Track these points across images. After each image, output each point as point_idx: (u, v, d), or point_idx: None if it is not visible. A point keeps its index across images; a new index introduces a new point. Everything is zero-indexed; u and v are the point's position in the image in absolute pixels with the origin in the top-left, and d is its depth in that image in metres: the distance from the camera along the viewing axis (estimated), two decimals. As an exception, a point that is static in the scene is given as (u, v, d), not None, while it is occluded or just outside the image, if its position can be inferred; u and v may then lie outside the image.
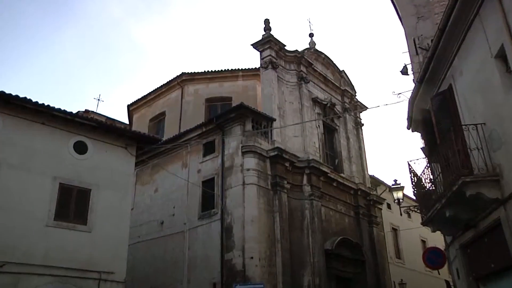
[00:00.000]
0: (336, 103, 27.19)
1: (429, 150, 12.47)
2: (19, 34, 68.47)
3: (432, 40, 11.22)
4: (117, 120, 31.17)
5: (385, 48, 78.23)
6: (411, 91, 13.09)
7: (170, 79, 28.57)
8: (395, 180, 17.05)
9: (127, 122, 32.03)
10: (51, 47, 72.71)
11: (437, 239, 22.10)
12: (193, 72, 28.16)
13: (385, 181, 29.84)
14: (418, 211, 12.75)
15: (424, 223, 11.54)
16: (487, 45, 8.90)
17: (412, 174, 11.99)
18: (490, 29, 8.79)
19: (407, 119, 14.06)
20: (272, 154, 20.45)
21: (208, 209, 20.22)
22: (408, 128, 14.36)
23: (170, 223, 21.67)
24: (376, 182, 29.27)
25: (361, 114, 29.80)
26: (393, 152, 72.58)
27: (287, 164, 21.00)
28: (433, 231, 11.88)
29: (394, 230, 30.28)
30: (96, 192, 14.56)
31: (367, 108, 28.97)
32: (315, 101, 25.22)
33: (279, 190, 20.17)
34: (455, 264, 11.90)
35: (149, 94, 29.81)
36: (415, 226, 25.78)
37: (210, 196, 20.24)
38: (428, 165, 11.29)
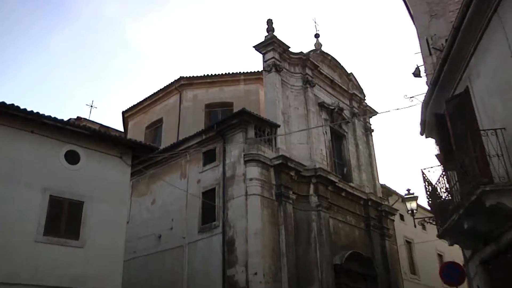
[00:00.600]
0: (344, 107, 27.15)
1: (445, 157, 12.35)
2: (4, 35, 68.65)
3: (446, 40, 11.17)
4: (111, 128, 31.14)
5: (396, 49, 78.26)
6: (424, 94, 13.07)
7: (168, 84, 28.59)
8: (408, 190, 16.99)
9: (122, 129, 31.97)
10: (39, 50, 72.83)
11: (455, 253, 21.87)
12: (192, 76, 28.17)
13: (398, 191, 29.72)
14: (434, 222, 12.64)
15: (440, 236, 11.40)
16: (507, 44, 8.81)
17: (426, 183, 11.89)
18: (509, 27, 8.70)
19: (420, 124, 14.03)
20: (277, 162, 20.40)
21: (208, 221, 20.16)
22: (422, 134, 14.32)
23: (168, 237, 21.59)
24: (387, 191, 29.15)
25: (371, 119, 29.74)
26: (405, 160, 72.38)
27: (292, 173, 20.94)
28: (451, 244, 11.75)
29: (408, 243, 30.09)
30: (89, 205, 14.49)
31: (377, 113, 29.00)
32: (322, 106, 25.18)
33: (284, 201, 20.10)
34: (475, 281, 11.71)
35: (145, 99, 29.82)
36: (431, 239, 25.58)
37: (210, 208, 20.18)
38: (443, 173, 11.19)
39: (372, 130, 29.52)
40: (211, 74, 28.06)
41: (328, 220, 21.82)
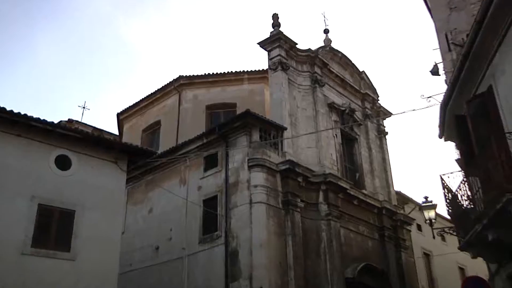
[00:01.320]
0: (356, 108, 27.12)
1: (466, 162, 12.28)
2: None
3: (467, 35, 11.09)
4: (105, 131, 31.18)
5: (412, 45, 78.18)
6: (443, 94, 13.03)
7: (166, 84, 28.62)
8: (426, 197, 16.87)
9: (116, 132, 32.04)
10: (27, 48, 72.91)
11: (478, 267, 21.71)
12: (191, 75, 28.19)
13: (414, 198, 29.60)
14: (454, 233, 12.53)
15: (462, 248, 11.29)
16: (535, 39, 8.68)
17: (445, 190, 11.85)
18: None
19: (439, 126, 14.01)
20: (283, 168, 20.36)
21: (210, 231, 20.13)
22: (440, 137, 14.32)
23: (166, 249, 21.56)
24: (403, 199, 29.04)
25: (384, 121, 29.73)
26: (422, 165, 72.16)
27: (300, 180, 20.91)
28: (473, 257, 11.64)
29: (426, 256, 29.91)
30: (81, 214, 14.43)
31: (392, 114, 28.86)
32: (332, 106, 25.17)
33: (291, 209, 20.05)
34: (503, 297, 11.58)
35: (142, 100, 29.85)
36: (451, 251, 25.45)
37: (212, 216, 20.15)
38: (464, 179, 11.13)
39: (386, 133, 29.48)
40: (213, 73, 28.06)
41: (338, 230, 21.74)
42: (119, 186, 15.84)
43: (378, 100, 29.46)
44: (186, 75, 28.16)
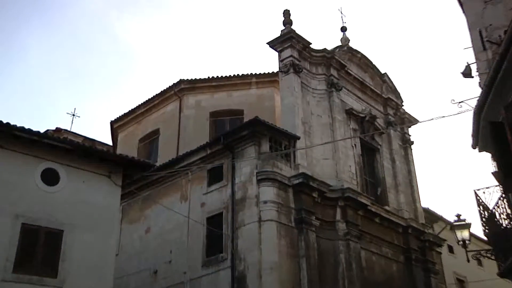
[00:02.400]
0: (377, 115, 27.06)
1: (504, 176, 12.10)
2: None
3: (505, 31, 10.98)
4: (97, 141, 31.35)
5: (440, 44, 77.90)
6: (477, 98, 12.95)
7: (165, 88, 28.70)
8: (458, 215, 16.74)
9: (110, 143, 32.13)
10: (9, 48, 72.89)
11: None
12: (194, 78, 28.26)
13: (445, 216, 29.45)
14: (492, 257, 12.31)
15: (502, 274, 11.06)
16: None
17: (481, 207, 11.71)
18: None
19: (472, 135, 13.94)
20: (296, 182, 20.32)
21: (214, 253, 20.07)
22: (474, 147, 14.23)
23: (166, 273, 21.45)
24: (432, 217, 28.89)
25: (410, 129, 29.68)
26: (454, 179, 71.75)
27: (315, 195, 20.86)
28: (515, 284, 11.39)
29: (460, 282, 29.66)
30: (70, 234, 14.37)
31: (418, 121, 28.82)
32: (350, 113, 25.14)
33: (305, 228, 19.97)
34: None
35: (139, 107, 29.92)
36: (489, 277, 25.06)
37: (217, 236, 20.11)
38: (503, 195, 10.96)
39: (412, 142, 29.37)
40: (217, 76, 28.13)
41: (359, 252, 21.63)
42: (113, 203, 15.83)
43: (403, 105, 29.41)
44: (187, 79, 28.21)
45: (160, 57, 79.75)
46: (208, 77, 28.17)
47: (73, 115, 31.95)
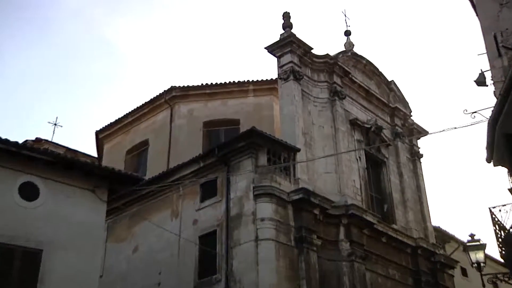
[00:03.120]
0: (384, 126, 27.14)
1: (522, 192, 12.04)
2: None
3: (522, 36, 10.93)
4: (81, 152, 31.29)
5: (452, 49, 78.11)
6: (491, 108, 12.95)
7: (155, 96, 28.78)
8: (472, 235, 16.70)
9: (95, 154, 32.16)
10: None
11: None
12: (186, 86, 28.35)
13: (457, 236, 29.54)
14: (510, 281, 12.23)
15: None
16: None
17: (497, 226, 11.63)
18: None
19: (486, 148, 13.92)
20: (296, 197, 20.26)
21: (207, 274, 19.96)
22: (488, 161, 14.25)
23: (154, 296, 21.31)
24: (443, 236, 28.97)
25: (419, 141, 29.79)
26: (467, 195, 71.85)
27: (316, 212, 20.81)
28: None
29: (474, 308, 29.49)
30: (50, 254, 14.23)
31: (428, 133, 29.01)
32: (354, 123, 25.23)
33: (306, 248, 19.93)
34: None
35: (126, 116, 29.98)
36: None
37: (210, 256, 20.03)
38: (521, 213, 10.85)
39: (421, 156, 29.49)
40: (211, 83, 28.23)
41: (364, 274, 21.59)
42: (98, 220, 15.74)
43: (411, 115, 29.55)
44: (179, 86, 28.30)
45: (151, 62, 79.85)
46: (202, 84, 28.25)
47: (55, 124, 31.95)
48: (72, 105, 74.87)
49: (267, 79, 27.48)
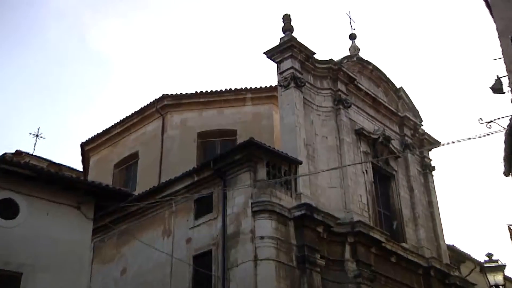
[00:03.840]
0: (392, 136, 27.17)
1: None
2: None
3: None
4: (65, 166, 31.27)
5: (465, 54, 78.15)
6: (509, 117, 13.08)
7: (146, 105, 28.81)
8: (490, 255, 16.67)
9: (81, 168, 32.14)
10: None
11: None
12: (179, 94, 28.40)
13: (474, 256, 29.52)
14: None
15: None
16: None
17: (516, 244, 11.53)
18: None
19: (504, 160, 14.05)
20: (298, 214, 20.27)
21: (202, 298, 19.89)
22: (506, 175, 14.34)
23: (145, 321, 21.30)
24: (458, 256, 28.91)
25: (430, 152, 29.77)
26: (483, 211, 71.71)
27: (320, 229, 20.79)
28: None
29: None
30: (30, 277, 14.16)
31: (440, 144, 28.68)
32: (361, 134, 25.24)
33: (308, 269, 19.89)
34: None
35: (114, 126, 29.99)
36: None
37: (205, 278, 20.00)
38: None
39: (433, 168, 29.50)
40: (206, 91, 28.26)
41: (372, 297, 21.51)
42: (83, 239, 15.73)
43: (422, 125, 29.60)
44: (171, 94, 28.36)
45: (141, 68, 79.60)
46: (196, 92, 28.27)
47: (37, 135, 31.94)
48: (56, 114, 74.48)
49: (266, 87, 27.53)
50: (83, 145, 31.30)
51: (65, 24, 75.36)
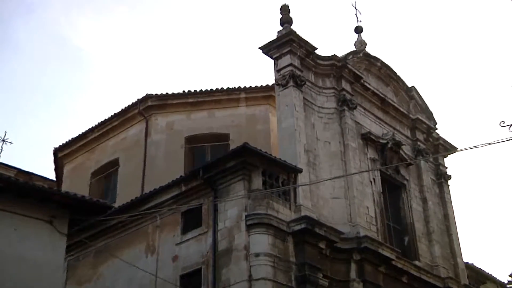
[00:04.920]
0: (403, 141, 27.20)
1: None
2: None
3: None
4: (36, 175, 31.15)
5: (485, 49, 78.30)
6: None
7: (127, 106, 28.88)
8: None
9: (53, 177, 32.16)
10: None
11: None
12: (165, 94, 28.48)
13: (495, 275, 29.69)
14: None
15: None
16: None
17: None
18: None
19: None
20: (298, 228, 20.24)
21: (190, 323, 19.98)
22: None
23: None
24: (478, 276, 29.00)
25: (446, 159, 29.83)
26: (505, 225, 71.67)
27: (322, 245, 20.78)
28: None
29: None
30: (-4, 301, 14.15)
31: (457, 149, 28.78)
32: (368, 138, 25.31)
33: (310, 290, 19.85)
34: None
35: (92, 130, 30.03)
36: None
37: (194, 301, 19.95)
38: None
39: (449, 177, 29.60)
40: (195, 91, 28.30)
41: (381, 322, 21.61)
42: (56, 258, 15.65)
43: (436, 128, 29.74)
44: (156, 94, 28.41)
45: (121, 67, 79.71)
46: (184, 91, 28.32)
47: (3, 140, 31.70)
48: (25, 117, 74.42)
49: (262, 86, 27.62)
50: (56, 151, 31.27)
51: (36, 18, 75.26)
